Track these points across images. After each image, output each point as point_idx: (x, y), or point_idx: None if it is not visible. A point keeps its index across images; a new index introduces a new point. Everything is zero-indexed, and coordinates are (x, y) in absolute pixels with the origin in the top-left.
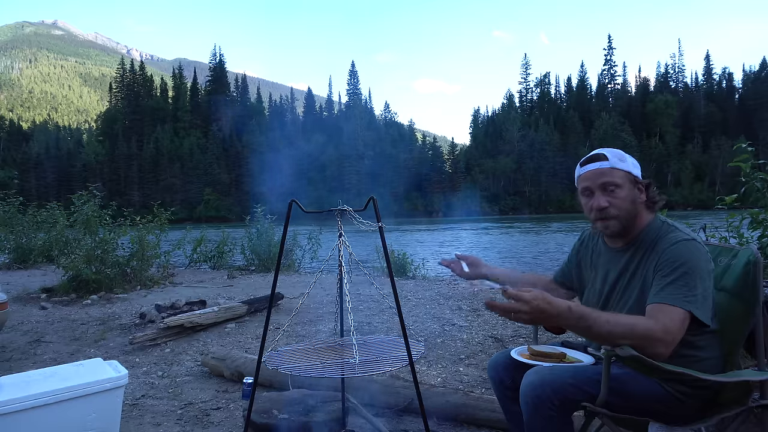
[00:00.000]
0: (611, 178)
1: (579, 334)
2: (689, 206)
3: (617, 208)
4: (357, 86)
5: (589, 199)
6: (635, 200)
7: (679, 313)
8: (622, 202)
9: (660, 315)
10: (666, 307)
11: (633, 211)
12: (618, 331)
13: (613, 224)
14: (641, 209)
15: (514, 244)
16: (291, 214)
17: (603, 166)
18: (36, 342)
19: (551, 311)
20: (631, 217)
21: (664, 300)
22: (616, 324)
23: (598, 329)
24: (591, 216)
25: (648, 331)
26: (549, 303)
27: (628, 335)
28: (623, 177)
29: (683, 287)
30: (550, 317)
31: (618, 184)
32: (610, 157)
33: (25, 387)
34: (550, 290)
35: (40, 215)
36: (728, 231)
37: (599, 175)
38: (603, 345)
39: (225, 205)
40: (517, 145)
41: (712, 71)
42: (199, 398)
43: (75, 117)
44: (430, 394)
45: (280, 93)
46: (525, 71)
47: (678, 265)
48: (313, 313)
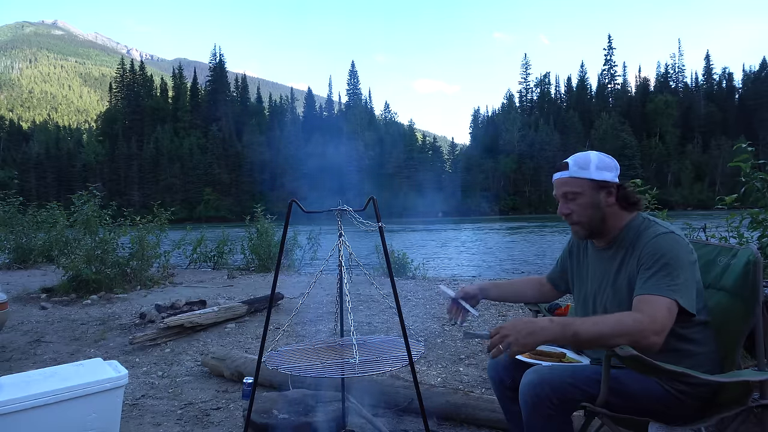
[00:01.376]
0: (570, 187)
1: (569, 343)
2: (689, 206)
3: (578, 214)
4: (357, 86)
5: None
6: (598, 204)
7: (663, 302)
8: (583, 209)
9: (645, 306)
10: (650, 297)
11: (597, 215)
12: (606, 330)
13: (577, 229)
14: (613, 211)
15: (514, 245)
16: (291, 214)
17: (563, 176)
18: (36, 342)
19: (533, 327)
20: (596, 221)
21: (648, 291)
22: (603, 323)
23: (586, 332)
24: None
25: (636, 322)
26: (529, 321)
27: (617, 331)
28: (583, 184)
29: (665, 277)
30: (534, 333)
31: (576, 192)
32: (570, 166)
33: (25, 387)
34: (543, 290)
35: (40, 215)
36: (728, 231)
37: (561, 185)
38: (596, 349)
39: (225, 205)
40: (517, 145)
41: (712, 71)
42: (199, 398)
43: (75, 117)
44: (430, 394)
45: (280, 93)
46: (525, 71)
47: (659, 257)
48: (313, 313)
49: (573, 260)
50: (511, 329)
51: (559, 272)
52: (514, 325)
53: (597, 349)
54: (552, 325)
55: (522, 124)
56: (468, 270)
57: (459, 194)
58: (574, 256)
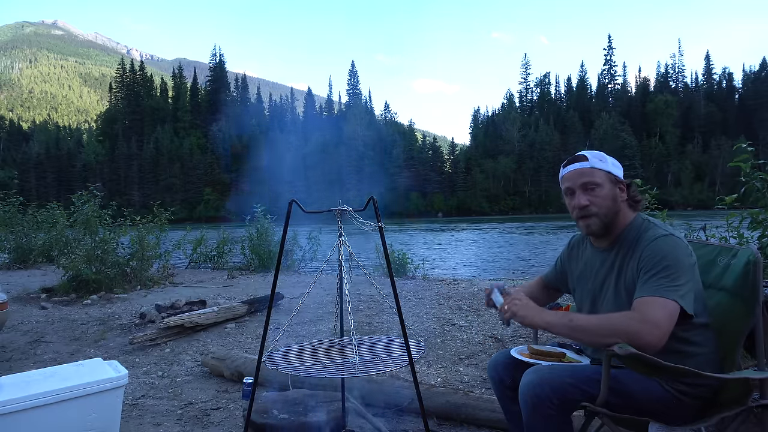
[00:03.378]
0: (591, 177)
1: (564, 331)
2: (689, 206)
3: (597, 206)
4: (357, 86)
5: (572, 198)
6: (616, 198)
7: (663, 303)
8: (603, 200)
9: (644, 307)
10: (650, 299)
11: (614, 209)
12: (604, 325)
13: (593, 222)
14: (623, 207)
15: (514, 244)
16: (291, 214)
17: (583, 166)
18: (36, 342)
19: (539, 308)
20: (612, 215)
21: (648, 293)
22: (600, 318)
23: (585, 324)
24: (574, 215)
25: (638, 322)
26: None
27: (615, 328)
28: (603, 176)
29: (665, 279)
30: (541, 312)
31: (598, 183)
32: (590, 158)
33: (25, 387)
34: (546, 291)
35: (40, 215)
36: (728, 231)
37: (580, 175)
38: (592, 344)
39: (225, 205)
40: (517, 145)
41: (712, 71)
42: (199, 398)
43: (75, 117)
44: (430, 394)
45: (280, 93)
46: (525, 71)
47: (659, 259)
48: (313, 313)
49: (573, 261)
50: (522, 299)
51: (557, 273)
52: (527, 303)
53: (596, 346)
54: (557, 314)
55: (522, 124)
56: (468, 270)
57: (459, 194)
58: (574, 256)
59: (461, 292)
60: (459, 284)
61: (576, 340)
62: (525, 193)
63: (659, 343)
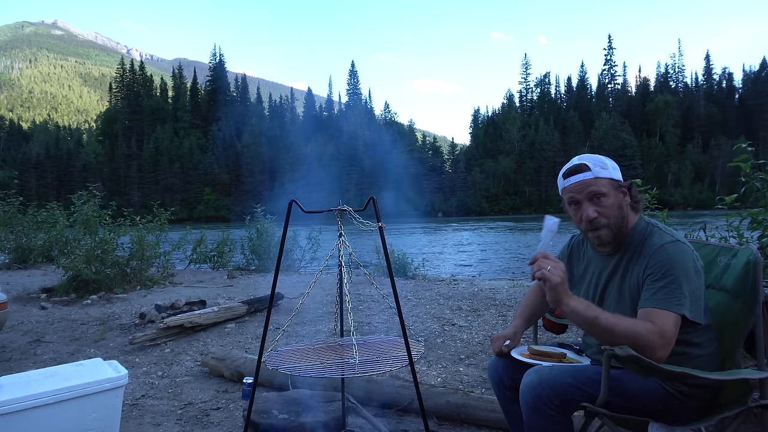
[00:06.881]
0: (597, 187)
1: (582, 323)
2: (689, 206)
3: (606, 216)
4: (357, 86)
5: (578, 209)
6: (621, 205)
7: (672, 317)
8: (610, 210)
9: (661, 321)
10: (659, 312)
11: (621, 216)
12: (620, 328)
13: (604, 233)
14: (628, 212)
15: (514, 244)
16: (291, 214)
17: (587, 177)
18: (36, 342)
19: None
20: (620, 223)
21: (657, 305)
22: (618, 320)
23: (605, 321)
24: (582, 227)
25: (648, 332)
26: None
27: (630, 334)
28: (607, 184)
29: (675, 289)
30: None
31: (603, 192)
32: (592, 167)
33: (25, 387)
34: (540, 289)
35: (40, 215)
36: (728, 231)
37: (584, 186)
38: (602, 341)
39: (225, 205)
40: (517, 145)
41: (712, 71)
42: (199, 398)
43: (75, 117)
44: (430, 394)
45: (280, 93)
46: (525, 71)
47: (667, 269)
48: (313, 313)
49: (573, 262)
50: (562, 273)
51: None
52: (563, 280)
53: (602, 341)
54: (583, 304)
55: (522, 124)
56: (468, 270)
57: (459, 194)
58: (574, 260)
59: (461, 292)
60: (459, 284)
61: (592, 336)
62: (525, 193)
63: (665, 356)
